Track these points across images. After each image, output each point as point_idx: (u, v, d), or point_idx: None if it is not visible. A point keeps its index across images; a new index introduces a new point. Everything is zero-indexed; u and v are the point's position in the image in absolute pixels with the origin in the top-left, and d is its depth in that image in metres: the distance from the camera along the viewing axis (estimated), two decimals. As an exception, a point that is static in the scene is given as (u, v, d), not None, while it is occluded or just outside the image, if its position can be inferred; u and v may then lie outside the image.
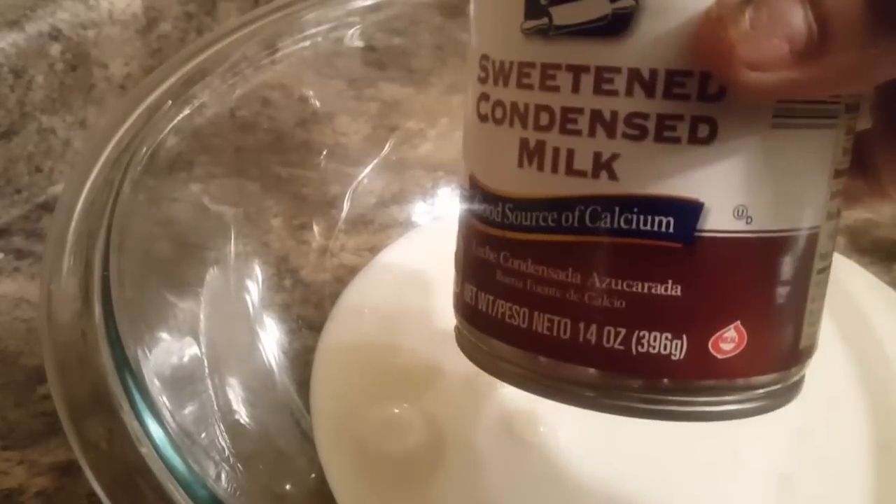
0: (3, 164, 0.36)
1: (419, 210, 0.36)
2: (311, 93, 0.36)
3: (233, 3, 0.45)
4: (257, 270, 0.31)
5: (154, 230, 0.28)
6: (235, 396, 0.26)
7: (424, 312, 0.31)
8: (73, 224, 0.24)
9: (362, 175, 0.35)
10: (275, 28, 0.32)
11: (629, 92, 0.15)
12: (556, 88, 0.16)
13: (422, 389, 0.28)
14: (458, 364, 0.29)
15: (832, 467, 0.27)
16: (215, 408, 0.25)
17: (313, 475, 0.26)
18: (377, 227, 0.35)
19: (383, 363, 0.29)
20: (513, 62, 0.17)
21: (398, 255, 0.34)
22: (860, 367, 0.30)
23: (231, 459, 0.24)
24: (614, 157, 0.16)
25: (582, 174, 0.16)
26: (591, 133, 0.16)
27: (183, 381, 0.25)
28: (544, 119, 0.16)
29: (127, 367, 0.21)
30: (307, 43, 0.33)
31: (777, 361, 0.17)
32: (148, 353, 0.23)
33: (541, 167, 0.17)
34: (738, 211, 0.16)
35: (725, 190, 0.16)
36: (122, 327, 0.22)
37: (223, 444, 0.24)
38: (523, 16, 0.16)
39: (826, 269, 0.18)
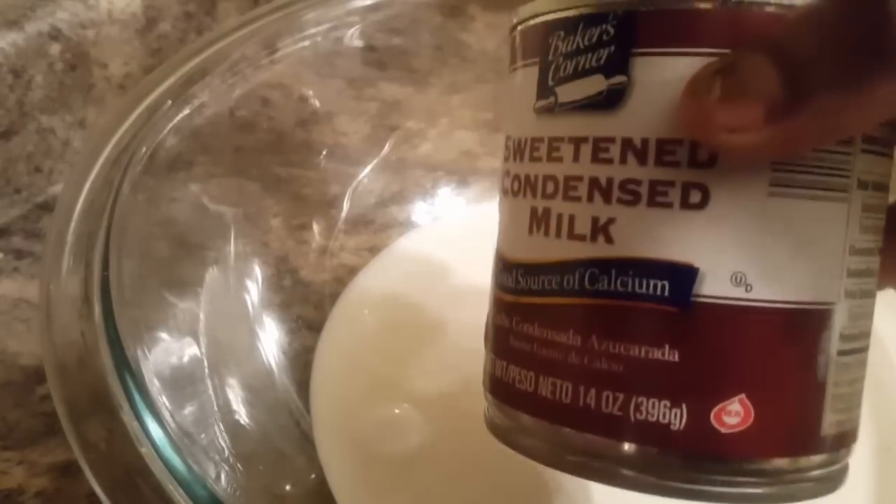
0: (3, 164, 0.36)
1: (419, 210, 0.36)
2: (310, 92, 0.35)
3: (232, 2, 0.45)
4: (257, 270, 0.31)
5: (154, 230, 0.28)
6: (235, 396, 0.26)
7: (424, 312, 0.31)
8: (72, 224, 0.24)
9: (362, 175, 0.35)
10: (274, 28, 0.32)
11: (623, 160, 0.16)
12: (559, 159, 0.17)
13: (422, 390, 0.28)
14: (458, 364, 0.29)
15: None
16: (215, 408, 0.25)
17: (313, 475, 0.26)
18: (377, 227, 0.35)
19: (383, 363, 0.29)
20: (526, 139, 0.18)
21: (398, 255, 0.34)
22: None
23: (231, 459, 0.24)
24: (610, 221, 0.16)
25: (581, 238, 0.17)
26: (590, 199, 0.17)
27: (183, 382, 0.25)
28: (550, 187, 0.17)
29: (126, 368, 0.21)
30: (307, 43, 0.33)
31: (792, 445, 0.17)
32: (147, 354, 0.23)
33: (547, 232, 0.17)
34: (735, 278, 0.16)
35: (720, 255, 0.16)
36: (121, 327, 0.22)
37: (223, 444, 0.24)
38: (535, 97, 0.18)
39: (855, 352, 0.17)
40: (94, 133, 0.30)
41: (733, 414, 0.16)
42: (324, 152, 0.35)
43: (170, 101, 0.28)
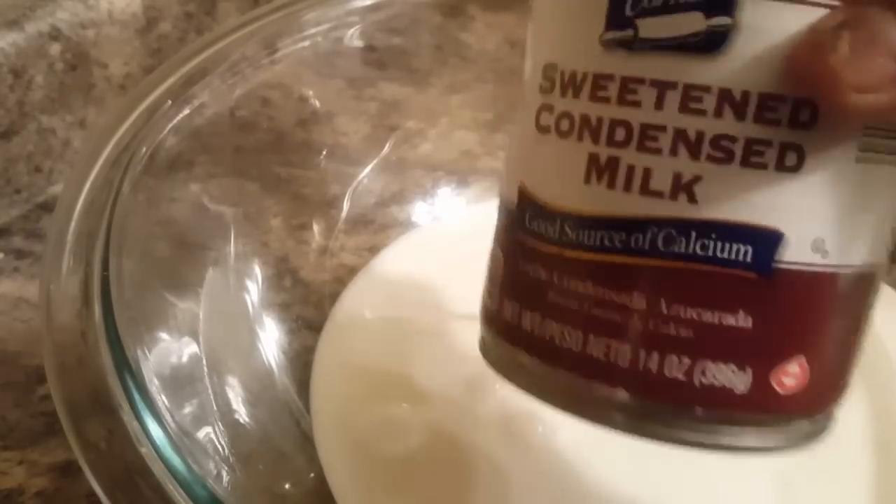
0: (3, 164, 0.36)
1: (419, 210, 0.36)
2: (310, 92, 0.35)
3: (232, 2, 0.45)
4: (257, 270, 0.31)
5: (154, 230, 0.28)
6: (235, 396, 0.26)
7: (424, 312, 0.31)
8: (72, 224, 0.24)
9: (362, 175, 0.35)
10: (274, 28, 0.32)
11: (718, 113, 0.15)
12: (636, 104, 0.16)
13: (421, 390, 0.28)
14: (458, 364, 0.29)
15: (832, 468, 0.26)
16: (215, 408, 0.25)
17: (313, 475, 0.26)
18: (377, 227, 0.35)
19: (383, 363, 0.29)
20: (587, 73, 0.16)
21: (398, 255, 0.34)
22: (861, 367, 0.30)
23: (230, 459, 0.24)
24: (696, 179, 0.15)
25: (658, 195, 0.15)
26: (673, 152, 0.15)
27: (182, 381, 0.25)
28: (620, 135, 0.16)
29: (126, 367, 0.21)
30: (307, 43, 0.33)
31: (831, 397, 0.17)
32: (147, 353, 0.23)
33: (611, 185, 0.16)
34: (816, 244, 0.15)
35: (807, 221, 0.15)
36: (121, 327, 0.22)
37: (223, 443, 0.24)
38: (604, 26, 0.16)
39: (874, 307, 0.18)
40: (94, 133, 0.30)
41: (792, 375, 0.16)
42: (324, 152, 0.35)
43: (170, 102, 0.28)
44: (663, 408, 0.16)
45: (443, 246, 0.34)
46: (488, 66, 0.38)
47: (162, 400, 0.22)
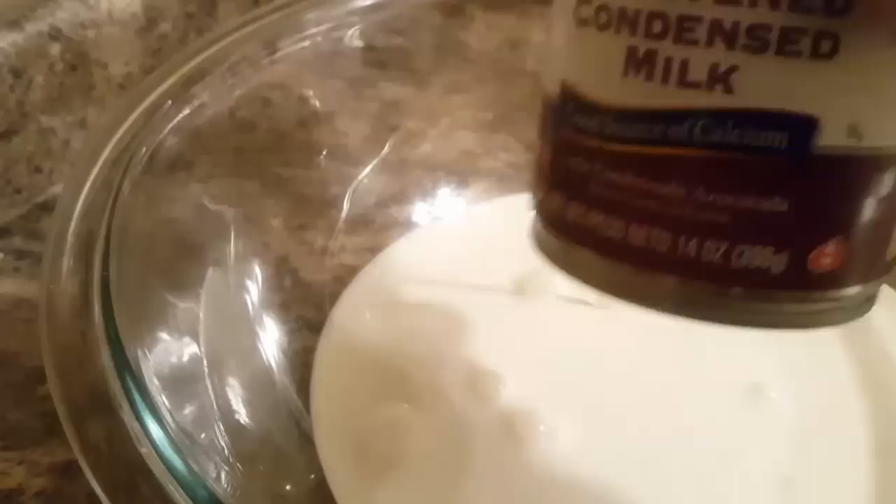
0: (3, 165, 0.36)
1: (419, 210, 0.36)
2: (310, 93, 0.36)
3: (233, 2, 0.45)
4: (257, 270, 0.31)
5: (154, 230, 0.28)
6: (235, 396, 0.26)
7: (424, 312, 0.31)
8: (72, 224, 0.24)
9: (362, 175, 0.35)
10: (275, 28, 0.32)
11: (753, 2, 0.15)
12: None
13: (422, 390, 0.28)
14: (459, 364, 0.29)
15: (832, 469, 0.27)
16: (215, 408, 0.25)
17: (313, 475, 0.26)
18: (377, 227, 0.35)
19: (383, 364, 0.29)
20: None
21: (398, 255, 0.34)
22: (861, 367, 0.30)
23: (231, 459, 0.24)
24: (732, 69, 0.16)
25: (695, 86, 0.16)
26: (710, 43, 0.16)
27: (183, 382, 0.25)
28: (657, 27, 0.16)
29: (127, 368, 0.21)
30: (307, 43, 0.33)
31: (867, 274, 0.18)
32: (148, 354, 0.23)
33: (650, 77, 0.16)
34: (850, 128, 0.16)
35: (841, 107, 0.16)
36: (121, 327, 0.22)
37: (223, 444, 0.24)
38: None
39: None
40: (94, 133, 0.30)
41: (828, 255, 0.16)
42: (324, 152, 0.35)
43: (170, 102, 0.28)
44: (705, 290, 0.17)
45: (443, 246, 0.34)
46: (488, 66, 0.38)
47: (162, 400, 0.22)
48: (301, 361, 0.30)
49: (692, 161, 0.16)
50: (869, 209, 0.17)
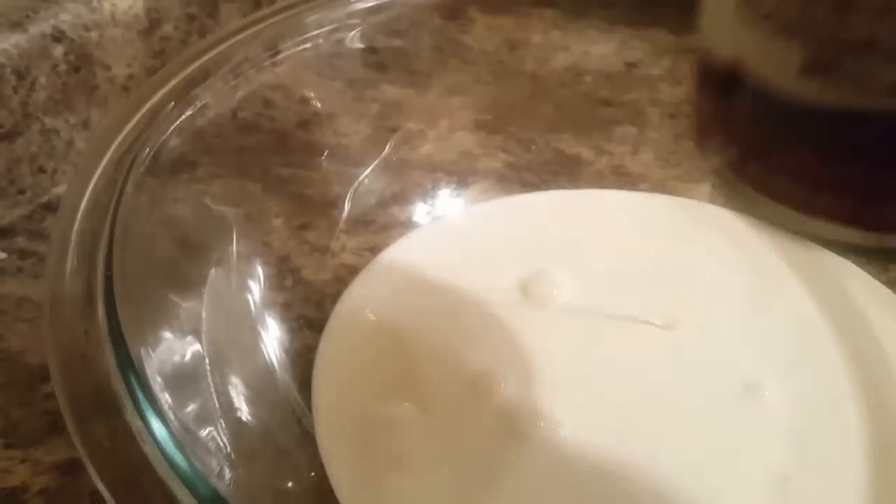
0: (7, 165, 0.36)
1: (419, 210, 0.36)
2: (312, 94, 0.36)
3: (234, 5, 0.46)
4: (259, 270, 0.31)
5: (157, 230, 0.28)
6: (237, 395, 0.27)
7: (425, 311, 0.32)
8: (76, 224, 0.24)
9: (363, 175, 0.35)
10: (276, 30, 0.32)
11: None
12: None
13: (423, 388, 0.29)
14: (460, 363, 0.29)
15: (831, 468, 0.27)
16: (217, 406, 0.25)
17: (314, 473, 0.26)
18: (378, 227, 0.35)
19: (384, 362, 0.30)
20: None
21: (398, 255, 0.34)
22: (858, 367, 0.30)
23: (233, 457, 0.24)
24: None
25: None
26: None
27: (185, 380, 0.25)
28: None
29: (130, 366, 0.21)
30: (308, 44, 0.33)
31: None
32: (151, 352, 0.23)
33: None
34: None
35: None
36: (124, 326, 0.22)
37: (225, 441, 0.24)
38: None
39: None
40: (97, 134, 0.30)
41: None
42: (325, 153, 0.35)
43: (173, 103, 0.28)
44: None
45: (443, 246, 0.34)
46: (488, 67, 0.38)
47: (165, 398, 0.22)
48: (302, 360, 0.30)
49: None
50: None
